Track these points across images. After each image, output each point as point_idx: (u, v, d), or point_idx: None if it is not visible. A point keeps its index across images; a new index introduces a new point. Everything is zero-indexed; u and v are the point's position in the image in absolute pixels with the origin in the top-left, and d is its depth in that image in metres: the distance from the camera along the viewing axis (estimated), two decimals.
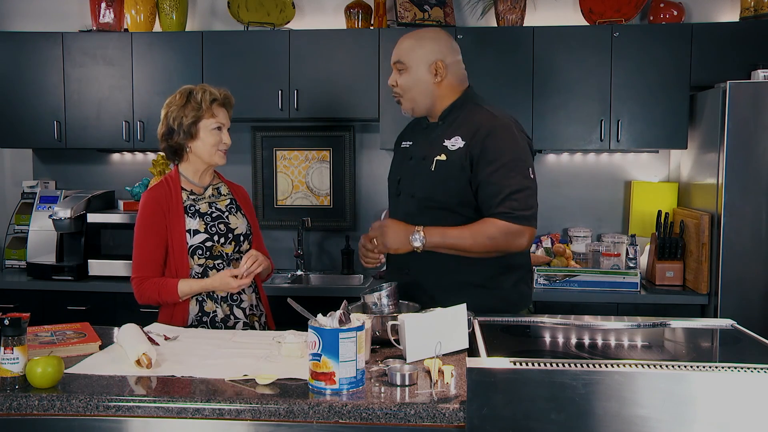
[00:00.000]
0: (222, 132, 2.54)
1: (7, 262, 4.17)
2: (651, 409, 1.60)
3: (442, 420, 1.66)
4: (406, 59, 2.43)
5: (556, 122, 3.75)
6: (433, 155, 2.40)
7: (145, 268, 2.48)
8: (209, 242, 2.50)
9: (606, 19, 3.81)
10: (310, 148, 4.25)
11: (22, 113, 4.00)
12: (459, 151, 2.36)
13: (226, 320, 2.52)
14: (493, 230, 2.28)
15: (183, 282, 2.45)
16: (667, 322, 2.14)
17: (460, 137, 2.38)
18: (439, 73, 2.42)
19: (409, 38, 2.47)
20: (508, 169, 2.30)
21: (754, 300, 3.35)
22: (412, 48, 2.43)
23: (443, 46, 2.45)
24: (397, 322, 2.02)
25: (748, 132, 3.32)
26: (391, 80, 2.49)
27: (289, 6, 4.05)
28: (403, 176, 2.52)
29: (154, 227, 2.48)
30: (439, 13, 3.90)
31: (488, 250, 2.31)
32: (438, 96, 2.45)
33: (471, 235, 2.30)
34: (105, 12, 3.99)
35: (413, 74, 2.42)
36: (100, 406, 1.72)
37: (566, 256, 3.86)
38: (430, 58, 2.42)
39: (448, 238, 2.30)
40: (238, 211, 2.61)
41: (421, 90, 2.43)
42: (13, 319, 1.77)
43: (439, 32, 2.50)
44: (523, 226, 2.28)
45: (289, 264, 4.17)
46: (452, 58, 2.46)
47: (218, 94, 2.54)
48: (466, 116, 2.42)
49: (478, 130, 2.35)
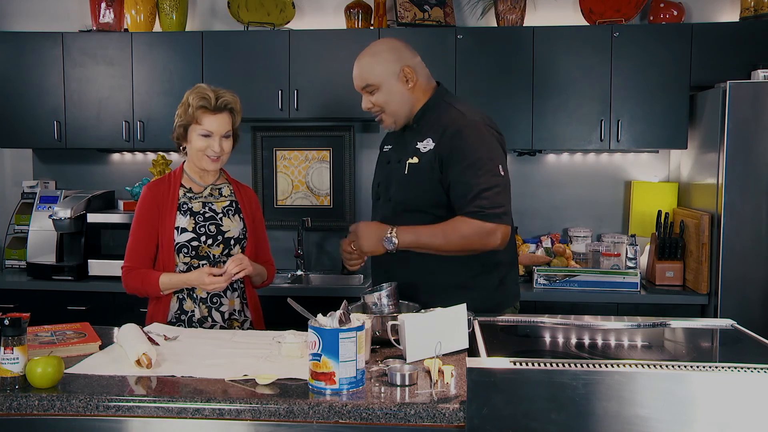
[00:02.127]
0: (212, 139, 2.47)
1: (7, 262, 4.17)
2: (651, 409, 1.60)
3: (442, 420, 1.66)
4: (372, 79, 2.41)
5: (556, 122, 3.75)
6: (406, 158, 2.41)
7: (134, 259, 2.50)
8: (195, 242, 2.49)
9: (606, 19, 3.82)
10: (310, 148, 4.25)
11: (22, 113, 4.00)
12: (429, 153, 2.36)
13: (202, 321, 2.51)
14: (464, 229, 2.28)
15: (165, 275, 2.46)
16: (667, 322, 2.14)
17: (430, 138, 2.38)
18: (409, 78, 2.41)
19: (364, 57, 2.44)
20: (476, 168, 2.29)
21: (754, 300, 3.35)
22: (372, 66, 2.41)
23: (401, 52, 2.43)
24: (397, 322, 2.02)
25: (748, 132, 3.32)
26: (365, 105, 2.46)
27: (289, 6, 4.05)
28: (382, 181, 2.53)
29: (148, 220, 2.50)
30: (439, 13, 3.90)
31: (462, 248, 2.31)
32: (414, 100, 2.44)
33: (443, 234, 2.30)
34: (105, 12, 3.99)
35: (386, 89, 2.41)
36: (100, 406, 1.72)
37: (566, 256, 3.86)
38: (395, 67, 2.40)
39: (420, 237, 2.32)
40: (236, 214, 2.59)
41: (398, 101, 2.42)
42: (13, 319, 1.77)
43: (390, 40, 2.49)
44: (495, 224, 2.26)
45: (289, 264, 4.16)
46: (413, 59, 2.45)
47: (212, 99, 2.46)
48: (437, 117, 2.42)
49: (446, 130, 2.34)
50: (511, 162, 4.13)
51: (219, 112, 2.48)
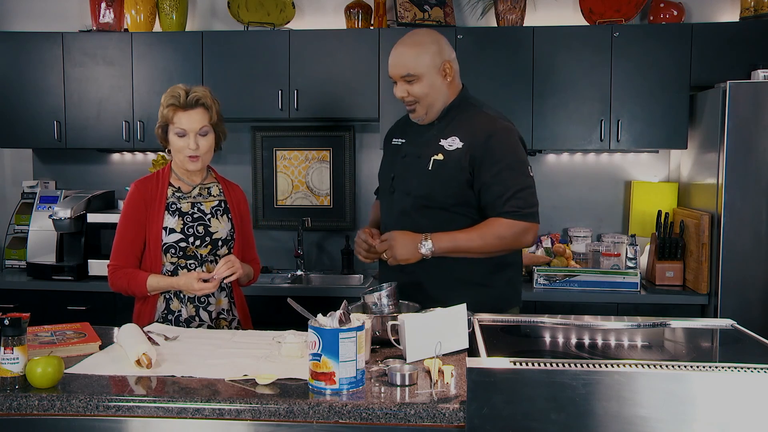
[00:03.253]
0: (187, 137, 2.44)
1: (7, 262, 4.17)
2: (651, 409, 1.60)
3: (442, 420, 1.66)
4: (415, 69, 2.40)
5: (556, 122, 3.75)
6: (430, 154, 2.42)
7: (121, 258, 2.49)
8: (183, 243, 2.48)
9: (606, 19, 3.81)
10: (310, 148, 4.25)
11: (22, 113, 4.00)
12: (457, 152, 2.39)
13: (189, 321, 2.50)
14: (501, 229, 2.34)
15: (152, 277, 2.45)
16: (667, 322, 2.14)
17: (457, 138, 2.40)
18: (448, 73, 2.44)
19: (408, 47, 2.43)
20: (511, 170, 2.36)
21: (754, 300, 3.35)
22: (417, 56, 2.40)
23: (444, 45, 2.46)
24: (397, 322, 2.03)
25: (748, 132, 3.32)
26: (400, 93, 2.44)
27: (289, 6, 4.05)
28: (397, 174, 2.52)
29: (135, 219, 2.49)
30: (439, 13, 3.90)
31: (497, 249, 2.37)
32: (448, 96, 2.46)
33: (480, 237, 2.34)
34: (105, 12, 3.99)
35: (427, 81, 2.41)
36: (100, 406, 1.72)
37: (566, 256, 3.86)
38: (438, 60, 2.42)
39: (458, 242, 2.34)
40: (224, 214, 2.57)
41: (436, 94, 2.44)
42: (13, 319, 1.77)
43: (433, 33, 2.49)
44: (530, 223, 2.36)
45: (289, 264, 4.16)
46: (452, 55, 2.48)
47: (182, 96, 2.42)
48: (463, 117, 2.45)
49: (479, 132, 2.38)
50: None
51: (191, 108, 2.44)
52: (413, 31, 2.51)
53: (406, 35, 2.48)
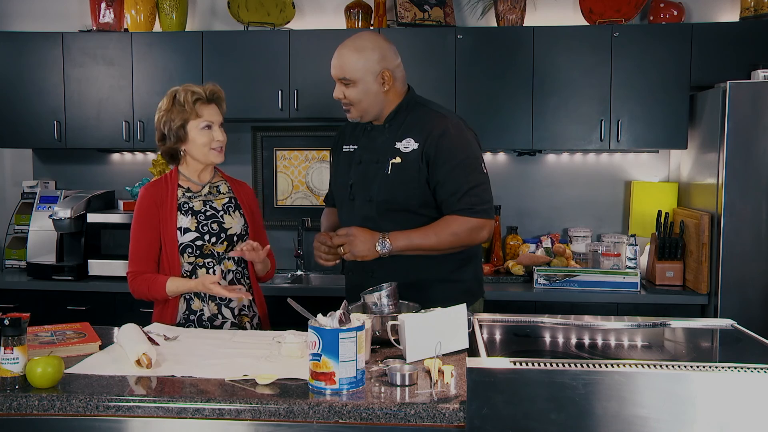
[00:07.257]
0: (213, 130, 2.50)
1: (7, 262, 4.17)
2: (651, 409, 1.60)
3: (442, 420, 1.66)
4: (351, 74, 2.39)
5: (556, 122, 3.75)
6: (387, 158, 2.44)
7: (139, 263, 2.49)
8: (199, 241, 2.49)
9: (606, 19, 3.82)
10: (310, 148, 4.25)
11: (22, 113, 4.00)
12: (413, 153, 2.41)
13: (213, 319, 2.51)
14: (455, 227, 2.37)
15: (171, 280, 2.45)
16: (667, 322, 2.15)
17: (412, 139, 2.42)
18: (387, 81, 2.42)
19: (349, 50, 2.41)
20: (464, 167, 2.38)
21: (754, 300, 3.35)
22: (355, 61, 2.39)
23: (386, 53, 2.42)
24: (397, 322, 2.03)
25: (748, 132, 3.32)
26: (337, 94, 2.45)
27: (289, 6, 4.05)
28: (356, 180, 2.52)
29: (149, 223, 2.49)
30: (439, 13, 3.90)
31: (452, 246, 2.40)
32: (386, 102, 2.46)
33: (435, 234, 2.37)
34: (105, 12, 3.99)
35: (361, 87, 2.41)
36: (100, 406, 1.72)
37: (566, 256, 3.86)
38: (376, 68, 2.40)
39: (413, 240, 2.36)
40: (236, 210, 2.60)
41: (371, 101, 2.43)
42: (13, 319, 1.77)
43: (377, 39, 2.45)
44: (484, 219, 2.38)
45: (289, 264, 4.17)
46: (395, 62, 2.45)
47: (202, 92, 2.50)
48: (414, 118, 2.46)
49: (431, 131, 2.40)
50: (511, 162, 4.14)
51: (212, 102, 2.53)
52: (359, 34, 2.49)
53: (352, 37, 2.46)
